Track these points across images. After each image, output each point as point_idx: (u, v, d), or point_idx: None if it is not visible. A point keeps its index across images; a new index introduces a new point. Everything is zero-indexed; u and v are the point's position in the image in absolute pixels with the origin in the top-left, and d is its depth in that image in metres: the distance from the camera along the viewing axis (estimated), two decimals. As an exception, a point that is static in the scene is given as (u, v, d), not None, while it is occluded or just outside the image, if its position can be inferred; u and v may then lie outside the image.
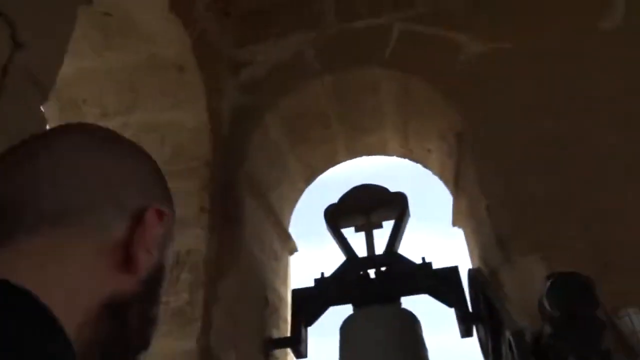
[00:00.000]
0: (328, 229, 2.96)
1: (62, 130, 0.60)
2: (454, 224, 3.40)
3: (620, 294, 2.02)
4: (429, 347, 2.51)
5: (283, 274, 3.25)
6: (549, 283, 1.64)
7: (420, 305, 2.80)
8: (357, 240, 2.98)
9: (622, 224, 2.15)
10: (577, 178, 2.32)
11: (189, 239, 2.38)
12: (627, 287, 2.03)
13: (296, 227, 3.49)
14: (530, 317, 1.95)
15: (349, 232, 3.03)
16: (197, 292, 2.28)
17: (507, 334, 2.08)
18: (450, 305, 2.66)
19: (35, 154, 0.53)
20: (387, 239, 2.88)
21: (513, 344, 2.00)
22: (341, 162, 3.61)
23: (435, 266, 2.75)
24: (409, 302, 2.72)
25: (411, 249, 3.32)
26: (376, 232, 3.00)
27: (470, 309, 2.58)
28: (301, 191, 3.56)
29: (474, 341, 2.59)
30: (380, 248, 2.90)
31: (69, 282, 0.48)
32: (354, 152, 3.57)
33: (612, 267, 2.07)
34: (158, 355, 2.13)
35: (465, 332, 2.60)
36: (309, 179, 3.58)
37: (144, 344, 0.56)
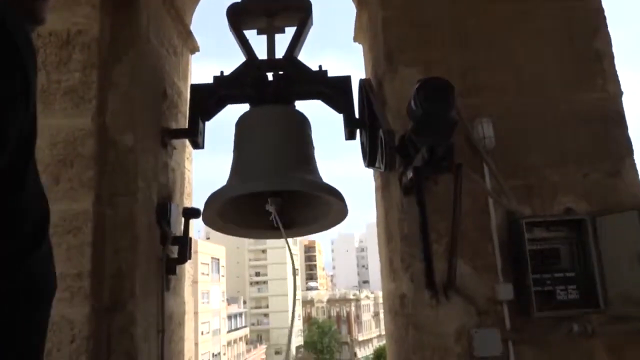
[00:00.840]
0: (230, 28, 2.96)
1: None
2: (355, 39, 3.54)
3: (477, 107, 2.38)
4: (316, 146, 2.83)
5: (183, 70, 3.29)
6: (416, 85, 1.89)
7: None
8: (258, 43, 3.05)
9: (491, 49, 2.46)
10: (463, 5, 2.53)
11: (79, 18, 2.32)
12: (484, 102, 2.40)
13: (203, 29, 3.43)
14: (405, 121, 2.26)
15: (251, 35, 3.06)
16: (90, 74, 2.31)
17: (380, 134, 2.41)
18: (339, 111, 2.92)
19: None
20: (287, 45, 2.97)
21: (383, 141, 2.34)
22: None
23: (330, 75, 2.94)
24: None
25: (313, 61, 3.44)
26: (278, 37, 3.07)
27: (357, 116, 2.87)
28: (205, -13, 3.44)
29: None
30: (280, 53, 3.00)
31: None
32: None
33: (476, 84, 2.42)
34: (54, 130, 2.22)
35: (349, 135, 2.92)
36: (215, -25, 3.43)
37: (35, 18, 0.69)
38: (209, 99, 2.88)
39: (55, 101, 2.26)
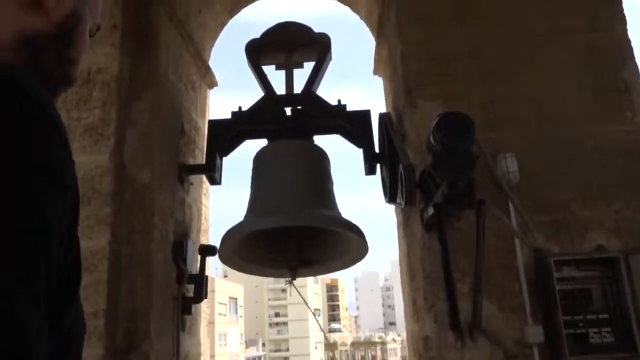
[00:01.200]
0: (248, 64, 3.08)
1: None
2: (375, 72, 3.63)
3: (499, 141, 2.42)
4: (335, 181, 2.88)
5: (201, 105, 3.41)
6: (435, 120, 1.94)
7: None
8: (277, 79, 3.15)
9: (509, 82, 2.54)
10: (483, 38, 2.60)
11: (99, 57, 2.44)
12: (506, 136, 2.43)
13: (221, 64, 3.57)
14: (425, 156, 2.30)
15: (269, 70, 3.17)
16: (109, 111, 2.42)
17: (400, 169, 2.45)
18: (359, 146, 2.99)
19: None
20: (306, 79, 3.07)
21: (403, 176, 2.38)
22: (268, -4, 3.61)
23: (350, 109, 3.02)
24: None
25: (332, 93, 3.53)
26: (297, 72, 3.17)
27: (377, 150, 2.92)
28: (223, 24, 3.59)
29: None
30: (299, 88, 3.10)
31: None
32: (282, -13, 3.58)
33: (497, 118, 2.46)
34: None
35: (369, 170, 2.97)
36: (232, 12, 3.59)
37: (66, 80, 0.74)
38: (227, 134, 2.97)
39: (74, 139, 2.37)
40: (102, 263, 2.24)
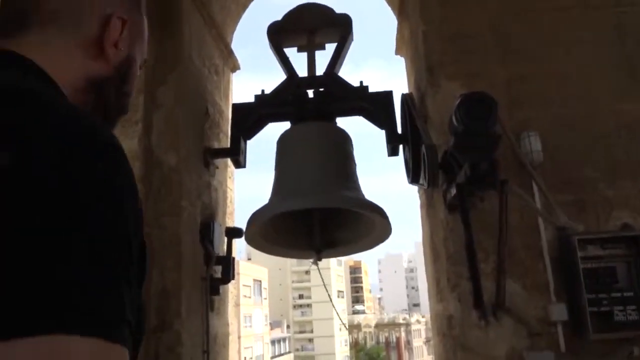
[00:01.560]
0: (270, 47, 3.12)
1: None
2: (397, 52, 3.64)
3: (523, 120, 2.43)
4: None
5: (225, 89, 3.47)
6: (457, 100, 1.97)
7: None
8: (299, 61, 3.19)
9: (535, 60, 2.53)
10: (507, 15, 2.59)
11: (127, 43, 2.51)
12: (530, 115, 2.44)
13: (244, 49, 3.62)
14: (447, 136, 2.33)
15: (291, 52, 3.21)
16: (137, 97, 2.50)
17: (423, 150, 2.48)
18: (381, 127, 3.02)
19: None
20: (328, 61, 3.10)
21: (425, 157, 2.41)
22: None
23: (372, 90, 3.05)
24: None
25: (354, 74, 3.56)
26: (318, 54, 3.20)
27: (399, 131, 2.95)
28: (245, 6, 3.63)
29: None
30: (321, 70, 3.13)
31: (57, 64, 0.76)
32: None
33: (521, 97, 2.47)
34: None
35: (392, 151, 3.01)
36: (254, -6, 3.62)
37: (122, 110, 0.91)
38: (250, 117, 3.03)
39: (103, 125, 2.46)
40: (133, 245, 2.34)
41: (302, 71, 3.08)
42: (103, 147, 0.61)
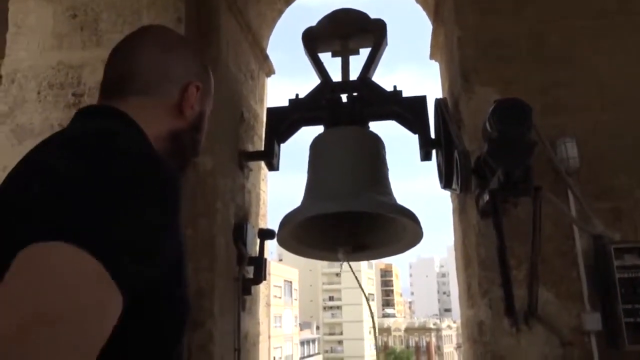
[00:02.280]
0: (305, 52, 3.16)
1: (145, 30, 1.14)
2: (432, 57, 3.64)
3: (559, 126, 2.40)
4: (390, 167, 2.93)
5: (260, 93, 3.53)
6: (492, 107, 1.96)
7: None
8: (333, 66, 3.22)
9: (572, 66, 2.50)
10: (544, 20, 2.56)
11: (167, 49, 2.59)
12: (566, 121, 2.41)
13: (278, 53, 3.68)
14: (481, 141, 2.32)
15: (325, 57, 3.25)
16: (175, 101, 2.57)
17: (456, 155, 2.48)
18: (414, 132, 3.02)
19: (132, 46, 1.08)
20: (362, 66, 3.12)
21: (458, 162, 2.41)
22: (324, -17, 3.67)
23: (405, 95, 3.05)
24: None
25: (388, 77, 3.57)
26: (352, 59, 3.23)
27: (432, 136, 2.95)
28: (280, 12, 3.68)
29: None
30: (355, 75, 3.16)
31: (149, 123, 1.00)
32: (338, -27, 3.62)
33: (557, 102, 2.43)
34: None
35: (425, 156, 3.01)
36: (289, 0, 3.67)
37: (195, 153, 1.16)
38: (284, 121, 3.08)
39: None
40: (170, 244, 2.41)
41: (336, 76, 3.11)
42: (167, 178, 0.84)
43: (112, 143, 0.84)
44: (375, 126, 3.01)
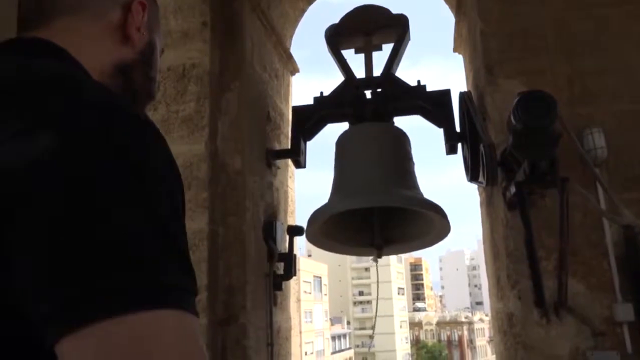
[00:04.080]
0: (328, 49, 3.20)
1: None
2: (455, 50, 3.63)
3: (587, 117, 2.38)
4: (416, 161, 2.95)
5: (285, 92, 3.59)
6: (516, 99, 1.96)
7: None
8: (356, 62, 3.25)
9: (600, 55, 2.47)
10: (568, 10, 2.54)
11: (193, 52, 2.67)
12: (594, 111, 2.39)
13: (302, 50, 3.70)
14: (506, 134, 2.32)
15: (349, 54, 3.27)
16: (203, 103, 2.64)
17: (481, 148, 2.48)
18: (439, 126, 3.03)
19: None
20: (385, 61, 3.14)
21: (484, 155, 2.42)
22: (346, -20, 3.70)
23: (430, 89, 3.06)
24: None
25: (411, 70, 3.58)
26: (375, 55, 3.25)
27: (457, 129, 2.95)
28: (303, 11, 3.72)
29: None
30: (378, 70, 3.18)
31: (86, 51, 0.77)
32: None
33: (584, 93, 2.41)
34: (174, 155, 2.57)
35: (450, 150, 3.01)
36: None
37: (150, 95, 0.94)
38: (310, 119, 3.12)
39: (174, 129, 2.62)
40: (202, 243, 2.48)
41: (359, 72, 3.14)
42: (144, 124, 0.63)
43: (91, 109, 0.59)
44: (399, 119, 3.03)
